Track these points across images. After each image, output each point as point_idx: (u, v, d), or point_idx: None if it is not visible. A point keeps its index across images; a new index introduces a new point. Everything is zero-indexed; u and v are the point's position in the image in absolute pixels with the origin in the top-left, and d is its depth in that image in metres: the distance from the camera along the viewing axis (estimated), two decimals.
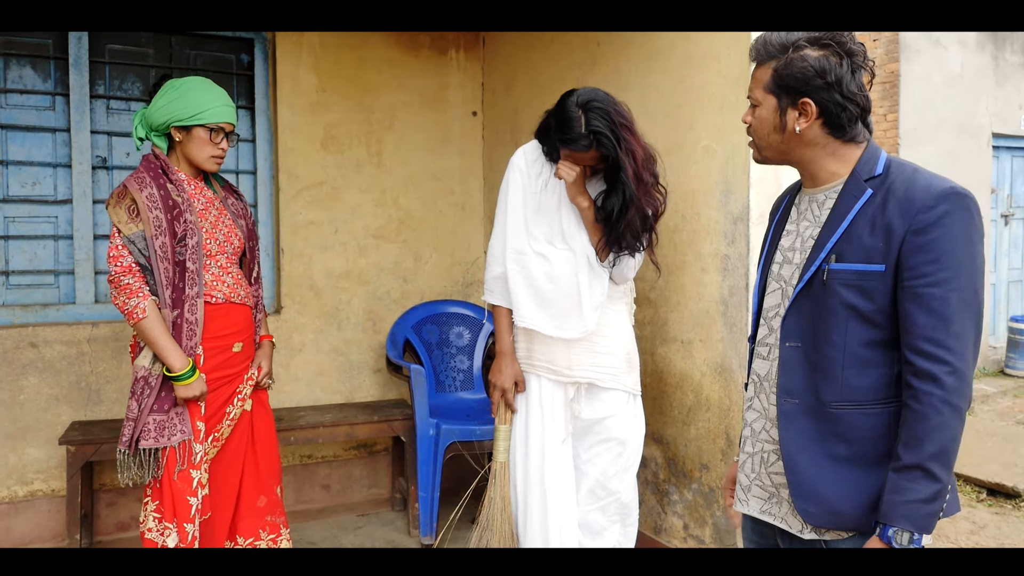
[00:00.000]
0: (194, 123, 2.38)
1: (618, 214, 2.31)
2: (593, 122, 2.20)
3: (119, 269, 2.32)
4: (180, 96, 2.39)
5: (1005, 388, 6.75)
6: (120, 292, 2.32)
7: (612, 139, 2.22)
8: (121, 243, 2.33)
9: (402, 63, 4.06)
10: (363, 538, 3.56)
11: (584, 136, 2.21)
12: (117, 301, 2.34)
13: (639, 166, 2.28)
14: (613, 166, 2.28)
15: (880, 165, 1.44)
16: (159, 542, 2.36)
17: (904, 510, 1.32)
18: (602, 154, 2.25)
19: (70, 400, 3.45)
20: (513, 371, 2.45)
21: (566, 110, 2.25)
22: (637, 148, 2.28)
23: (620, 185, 2.28)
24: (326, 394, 3.94)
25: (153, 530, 2.38)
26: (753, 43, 1.50)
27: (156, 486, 2.38)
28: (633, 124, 2.30)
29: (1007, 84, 7.43)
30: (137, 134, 2.48)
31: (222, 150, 2.46)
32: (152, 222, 2.32)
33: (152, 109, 2.42)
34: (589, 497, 2.47)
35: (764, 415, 1.57)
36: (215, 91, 2.44)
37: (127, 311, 2.32)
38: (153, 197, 2.34)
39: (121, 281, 2.32)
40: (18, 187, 3.50)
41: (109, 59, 3.62)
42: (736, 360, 2.60)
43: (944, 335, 1.32)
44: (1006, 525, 3.95)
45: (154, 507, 2.39)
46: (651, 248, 2.44)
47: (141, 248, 2.33)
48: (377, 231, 4.03)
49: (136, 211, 2.33)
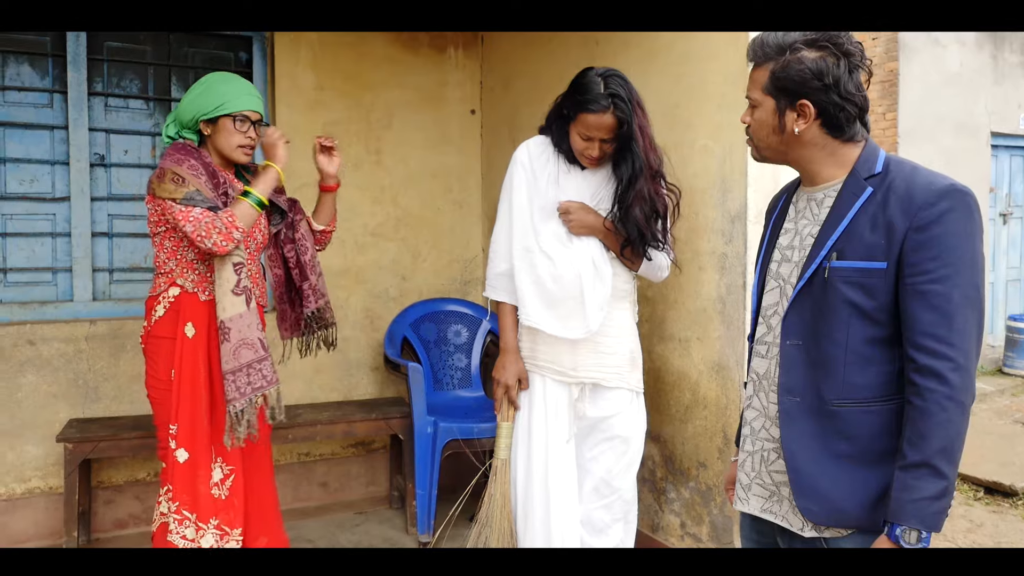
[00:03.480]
0: (219, 114, 2.39)
1: (627, 184, 2.31)
2: (612, 86, 2.24)
3: (194, 220, 2.25)
4: (204, 90, 2.41)
5: (1003, 387, 6.76)
6: (210, 231, 2.25)
7: (628, 106, 2.24)
8: (182, 205, 2.27)
9: (401, 61, 4.06)
10: (361, 536, 3.56)
11: (603, 96, 2.23)
12: (213, 240, 2.25)
13: (647, 144, 2.30)
14: (624, 139, 2.28)
15: (879, 163, 1.45)
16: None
17: (912, 508, 1.32)
18: (618, 120, 2.25)
19: (68, 398, 3.44)
20: (517, 368, 2.44)
21: (585, 77, 2.29)
22: (647, 128, 2.31)
23: (630, 155, 2.28)
24: (324, 392, 3.94)
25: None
26: (750, 44, 1.50)
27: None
28: (645, 108, 2.32)
29: (1006, 83, 7.44)
30: (167, 132, 2.48)
31: (250, 139, 2.46)
32: (204, 184, 2.32)
33: (181, 107, 2.44)
34: (594, 495, 2.47)
35: (764, 413, 1.57)
36: (238, 82, 2.45)
37: (227, 231, 2.26)
38: (195, 167, 2.34)
39: (201, 224, 2.25)
40: (16, 184, 3.49)
41: (107, 56, 3.61)
42: (733, 358, 2.60)
43: (947, 331, 1.33)
44: (1003, 523, 3.95)
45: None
46: (662, 247, 2.43)
47: (202, 199, 2.28)
48: (375, 229, 4.03)
49: (182, 179, 2.29)
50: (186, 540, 2.37)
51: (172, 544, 2.38)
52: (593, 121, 2.26)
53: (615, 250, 2.39)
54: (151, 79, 3.72)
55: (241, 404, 2.33)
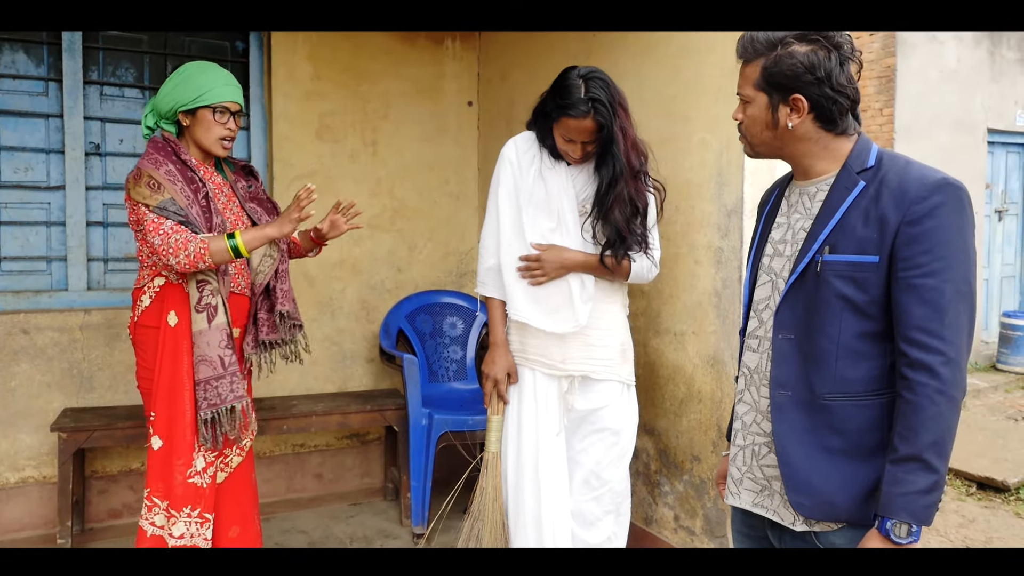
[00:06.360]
0: (198, 105, 2.37)
1: (607, 187, 2.32)
2: (593, 90, 2.24)
3: (163, 234, 2.25)
4: (183, 81, 2.38)
5: (996, 383, 6.78)
6: (177, 251, 2.24)
7: (609, 109, 2.24)
8: (155, 215, 2.26)
9: (398, 52, 4.05)
10: (355, 527, 3.56)
11: (583, 101, 2.23)
12: (179, 260, 2.25)
13: (628, 146, 2.30)
14: (605, 142, 2.29)
15: (872, 157, 1.45)
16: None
17: (902, 502, 1.32)
18: (598, 124, 2.26)
19: (62, 387, 3.44)
20: (506, 362, 2.45)
21: (567, 79, 2.29)
22: (629, 129, 2.32)
23: (611, 158, 2.30)
24: (319, 383, 3.94)
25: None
26: (739, 41, 1.50)
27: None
28: (628, 107, 2.32)
29: (1003, 80, 7.45)
30: (146, 123, 2.46)
31: (229, 131, 2.44)
32: (179, 192, 2.30)
33: (159, 97, 2.41)
34: (583, 487, 2.48)
35: (755, 408, 1.57)
36: (217, 72, 2.42)
37: (193, 259, 2.25)
38: (171, 173, 2.33)
39: (170, 242, 2.24)
40: (10, 173, 3.48)
41: (103, 45, 3.59)
42: (728, 352, 2.60)
43: (938, 325, 1.33)
44: (995, 519, 3.97)
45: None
46: (648, 250, 2.42)
47: (175, 210, 2.27)
48: (371, 220, 4.02)
49: (158, 184, 2.28)
50: (155, 527, 2.38)
51: (142, 530, 2.39)
52: (573, 125, 2.28)
53: (598, 270, 2.39)
54: (147, 68, 3.70)
55: (205, 414, 2.35)
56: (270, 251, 2.57)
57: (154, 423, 2.38)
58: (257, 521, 2.63)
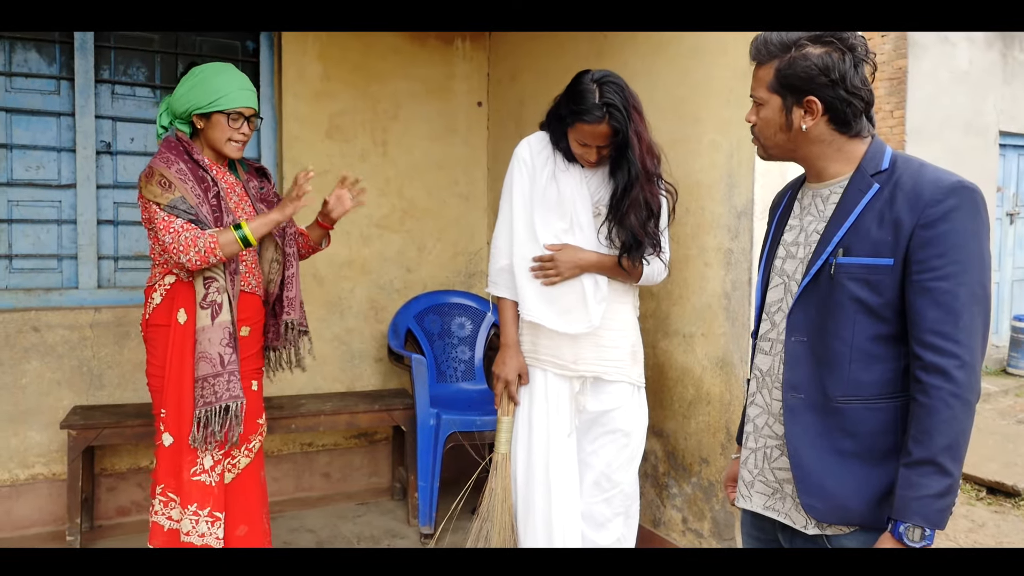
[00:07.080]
0: (212, 109, 2.38)
1: (622, 192, 2.31)
2: (607, 95, 2.23)
3: (174, 232, 2.27)
4: (199, 83, 2.39)
5: (1007, 387, 6.74)
6: (188, 248, 2.27)
7: (624, 114, 2.23)
8: (165, 213, 2.29)
9: (408, 52, 4.05)
10: (362, 527, 3.56)
11: (598, 107, 2.22)
12: (189, 257, 2.27)
13: (643, 150, 2.29)
14: (620, 147, 2.28)
15: (886, 160, 1.44)
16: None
17: (916, 506, 1.31)
18: (613, 129, 2.25)
19: (72, 384, 3.45)
20: (517, 363, 2.45)
21: (580, 84, 2.28)
22: (644, 132, 2.30)
23: (626, 162, 2.29)
24: (327, 382, 3.95)
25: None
26: (753, 43, 1.49)
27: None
28: (642, 111, 2.31)
29: (1015, 82, 7.40)
30: (160, 122, 2.48)
31: (243, 135, 2.45)
32: (190, 191, 2.32)
33: (174, 97, 2.43)
34: (594, 489, 2.47)
35: (767, 410, 1.57)
36: (234, 76, 2.43)
37: (204, 254, 2.27)
38: (183, 172, 2.34)
39: (180, 239, 2.27)
40: (22, 171, 3.49)
41: (114, 44, 3.61)
42: (738, 354, 2.59)
43: (953, 328, 1.32)
44: (1005, 524, 3.95)
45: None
46: (659, 252, 2.42)
47: (185, 209, 2.30)
48: (381, 220, 4.03)
49: (169, 183, 2.31)
50: (172, 521, 2.40)
51: (158, 525, 2.41)
52: (588, 130, 2.27)
53: (612, 271, 2.38)
54: (158, 67, 3.71)
55: (199, 412, 2.35)
56: (276, 255, 2.58)
57: (164, 420, 2.40)
58: (266, 520, 2.63)
